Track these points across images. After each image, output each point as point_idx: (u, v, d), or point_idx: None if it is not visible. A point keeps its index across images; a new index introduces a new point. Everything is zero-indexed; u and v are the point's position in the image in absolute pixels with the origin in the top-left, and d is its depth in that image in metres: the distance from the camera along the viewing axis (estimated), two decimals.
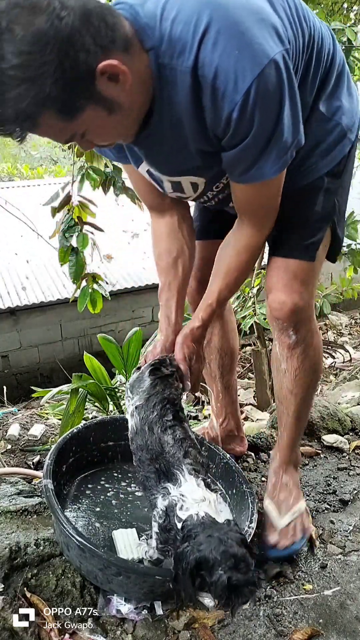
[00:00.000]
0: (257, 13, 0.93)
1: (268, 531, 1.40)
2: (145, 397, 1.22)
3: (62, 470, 1.43)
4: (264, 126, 0.96)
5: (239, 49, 0.89)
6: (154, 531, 1.13)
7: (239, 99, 0.91)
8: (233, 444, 1.76)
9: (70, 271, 2.63)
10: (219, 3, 0.91)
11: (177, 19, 0.92)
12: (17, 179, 13.21)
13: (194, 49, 0.90)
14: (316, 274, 1.35)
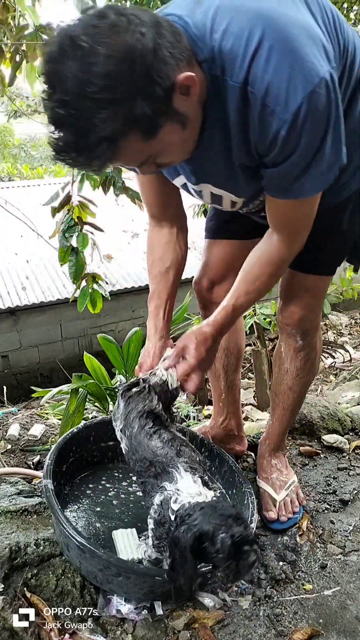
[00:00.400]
0: (307, 29, 0.91)
1: (267, 507, 1.51)
2: (123, 418, 1.26)
3: (62, 470, 1.43)
4: (309, 145, 0.95)
5: (291, 66, 0.87)
6: (149, 528, 1.13)
7: (289, 117, 0.90)
8: (233, 443, 1.77)
9: (70, 271, 2.63)
10: (270, 17, 0.89)
11: (228, 32, 0.90)
12: (17, 179, 13.21)
13: (245, 64, 0.89)
14: (328, 286, 1.43)
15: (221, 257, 1.52)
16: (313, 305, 1.38)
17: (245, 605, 1.23)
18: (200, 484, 1.09)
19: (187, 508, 1.01)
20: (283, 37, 0.88)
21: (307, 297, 1.36)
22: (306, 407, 2.08)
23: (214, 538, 0.92)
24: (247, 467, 1.75)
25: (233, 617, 1.20)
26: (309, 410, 2.06)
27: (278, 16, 0.90)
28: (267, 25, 0.88)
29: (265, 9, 0.91)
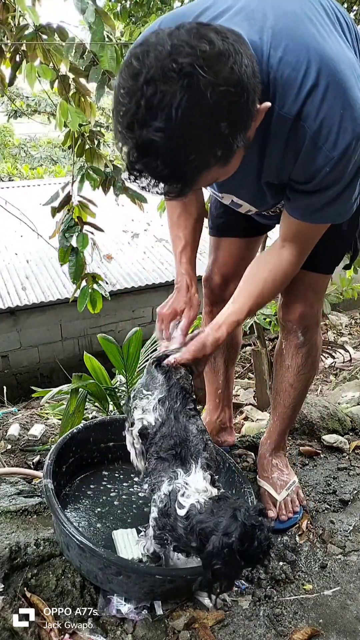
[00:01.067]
0: (354, 69, 0.93)
1: (267, 507, 1.51)
2: (166, 389, 1.23)
3: (62, 471, 1.43)
4: (345, 180, 0.99)
5: (343, 108, 0.90)
6: (152, 517, 1.13)
7: (336, 156, 0.93)
8: (225, 435, 1.81)
9: (70, 271, 2.63)
10: (326, 54, 0.90)
11: (284, 61, 0.90)
12: (17, 179, 13.21)
13: (300, 99, 0.90)
14: (328, 283, 1.45)
15: (231, 253, 1.55)
16: (314, 301, 1.40)
17: (245, 605, 1.23)
18: (208, 481, 1.10)
19: (199, 510, 1.01)
20: (338, 77, 0.90)
21: (309, 294, 1.38)
22: (306, 407, 2.08)
23: (261, 529, 0.94)
24: (247, 467, 1.75)
25: (233, 617, 1.20)
26: (309, 410, 2.06)
27: (331, 51, 0.91)
28: (324, 62, 0.89)
29: (319, 39, 0.92)
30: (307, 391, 1.59)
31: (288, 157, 1.00)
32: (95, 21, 2.25)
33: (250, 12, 0.94)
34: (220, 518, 0.95)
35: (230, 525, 0.93)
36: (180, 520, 1.03)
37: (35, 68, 2.48)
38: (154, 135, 0.76)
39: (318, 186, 1.01)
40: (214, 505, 1.00)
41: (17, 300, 6.49)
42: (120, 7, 5.32)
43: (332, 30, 0.97)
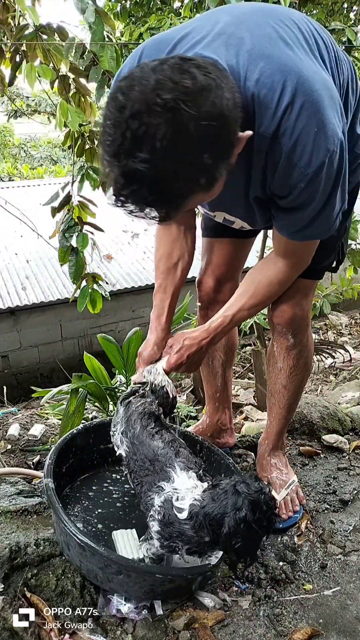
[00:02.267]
0: (329, 89, 0.98)
1: None
2: (124, 421, 1.28)
3: (62, 472, 1.43)
4: (322, 197, 1.03)
5: (317, 127, 0.94)
6: (154, 531, 1.13)
7: (310, 172, 0.98)
8: (226, 436, 1.82)
9: (70, 271, 2.63)
10: (301, 74, 0.94)
11: (260, 82, 0.94)
12: (17, 179, 13.21)
13: (277, 118, 0.95)
14: (317, 284, 1.46)
15: (225, 255, 1.56)
16: (303, 303, 1.41)
17: (245, 605, 1.23)
18: (194, 478, 1.12)
19: (202, 505, 1.02)
20: (312, 97, 0.94)
21: (298, 297, 1.39)
22: (306, 407, 2.08)
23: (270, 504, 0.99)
24: (247, 467, 1.75)
25: (233, 617, 1.20)
26: (309, 410, 2.06)
27: (306, 72, 0.95)
28: (299, 82, 0.93)
29: (295, 61, 0.95)
30: (302, 391, 1.59)
31: (269, 172, 1.04)
32: (95, 21, 2.25)
33: (227, 38, 0.97)
34: (224, 500, 0.98)
35: (237, 501, 0.97)
36: (185, 523, 1.04)
37: (35, 68, 2.48)
38: (139, 165, 0.79)
39: (295, 202, 1.05)
40: (212, 493, 1.02)
41: (17, 300, 6.49)
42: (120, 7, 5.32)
43: (308, 51, 1.01)
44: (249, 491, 0.97)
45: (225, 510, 0.97)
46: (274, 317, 1.44)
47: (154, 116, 0.78)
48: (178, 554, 1.12)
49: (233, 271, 1.59)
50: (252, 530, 0.97)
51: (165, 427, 1.27)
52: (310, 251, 1.23)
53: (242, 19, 1.02)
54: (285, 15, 1.05)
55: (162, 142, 0.78)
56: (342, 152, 1.00)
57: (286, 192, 1.04)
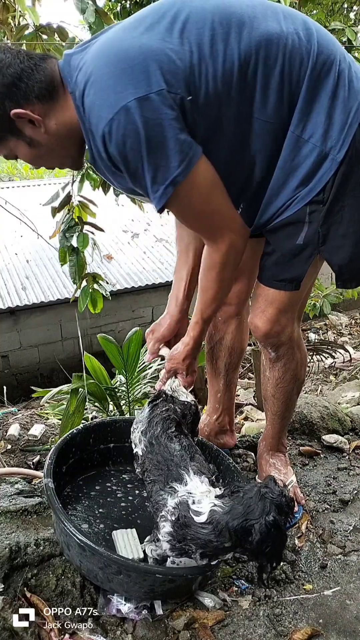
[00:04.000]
0: (125, 60, 1.03)
1: None
2: (147, 421, 1.31)
3: (62, 471, 1.43)
4: (127, 163, 1.07)
5: (100, 99, 1.04)
6: (164, 532, 1.11)
7: (99, 141, 1.07)
8: (226, 437, 1.81)
9: (70, 271, 2.63)
10: (102, 54, 1.07)
11: (81, 69, 1.09)
12: (17, 179, 13.21)
13: (82, 96, 1.08)
14: (299, 300, 1.37)
15: None
16: (280, 319, 1.33)
17: (245, 605, 1.23)
18: (207, 483, 1.13)
19: (224, 512, 1.03)
20: (98, 74, 1.05)
21: (271, 311, 1.32)
22: (306, 407, 2.08)
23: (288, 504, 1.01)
24: (247, 467, 1.75)
25: (233, 617, 1.19)
26: (309, 410, 2.06)
27: (109, 51, 1.07)
28: (97, 62, 1.06)
29: (109, 43, 1.09)
30: (294, 400, 1.56)
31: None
32: (95, 21, 2.25)
33: (94, 38, 1.16)
34: (249, 507, 0.99)
35: (265, 506, 0.98)
36: (203, 527, 1.04)
37: None
38: None
39: (113, 168, 1.12)
40: (236, 500, 1.03)
41: (17, 300, 6.49)
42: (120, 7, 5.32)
43: (158, 29, 1.07)
44: (273, 495, 0.99)
45: (252, 517, 0.98)
46: (252, 331, 1.41)
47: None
48: (190, 558, 1.12)
49: (240, 274, 1.54)
50: (280, 533, 0.99)
51: (185, 434, 1.29)
52: (201, 220, 1.19)
53: (140, 13, 1.15)
54: (177, 4, 1.11)
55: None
56: (132, 117, 1.00)
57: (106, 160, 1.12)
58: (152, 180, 1.07)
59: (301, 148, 1.14)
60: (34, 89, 1.08)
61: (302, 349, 1.47)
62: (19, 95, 1.07)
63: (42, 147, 1.15)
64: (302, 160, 1.15)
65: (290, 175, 1.17)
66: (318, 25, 1.19)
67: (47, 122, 1.11)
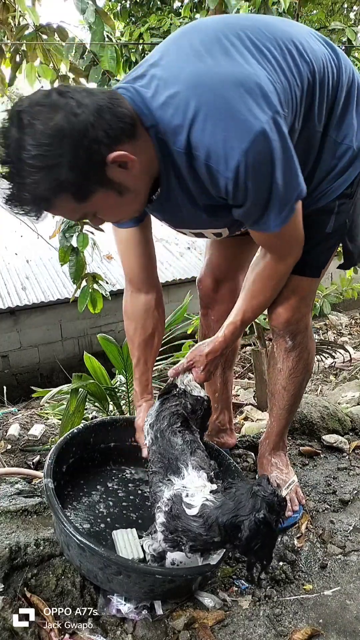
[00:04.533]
0: (241, 84, 0.98)
1: None
2: (155, 415, 1.33)
3: (63, 471, 1.43)
4: (259, 191, 1.04)
5: (225, 129, 0.97)
6: (159, 522, 1.14)
7: (231, 175, 0.99)
8: (225, 437, 1.82)
9: (70, 271, 2.63)
10: (204, 85, 0.98)
11: (167, 103, 1.00)
12: None
13: (185, 134, 0.99)
14: (316, 288, 1.44)
15: (225, 255, 1.56)
16: (300, 306, 1.39)
17: (245, 605, 1.23)
18: (204, 478, 1.14)
19: (215, 506, 1.03)
20: (217, 103, 0.97)
21: (294, 299, 1.37)
22: (306, 407, 2.08)
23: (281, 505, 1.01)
24: (247, 467, 1.75)
25: (233, 617, 1.19)
26: (309, 410, 2.06)
27: (209, 79, 0.99)
28: (200, 95, 0.98)
29: (199, 72, 1.00)
30: (302, 393, 1.59)
31: (203, 181, 1.06)
32: (95, 21, 2.25)
33: (149, 68, 1.07)
34: (242, 503, 0.99)
35: (255, 503, 0.98)
36: (194, 520, 1.05)
37: (35, 68, 2.48)
38: (3, 165, 0.93)
39: (235, 201, 1.07)
40: (227, 495, 1.03)
41: (17, 300, 6.49)
42: (120, 7, 5.32)
43: (232, 52, 1.03)
44: (265, 493, 0.98)
45: (242, 514, 0.98)
46: (271, 319, 1.43)
47: (12, 127, 0.92)
48: (182, 551, 1.13)
49: (233, 271, 1.59)
50: (270, 531, 0.99)
51: (190, 429, 1.30)
52: (291, 241, 1.21)
53: (179, 42, 1.09)
54: (219, 25, 1.10)
55: (13, 146, 0.91)
56: (269, 141, 0.98)
57: (224, 195, 1.06)
58: (282, 200, 1.07)
59: (337, 150, 1.22)
60: (120, 126, 0.98)
61: (313, 339, 1.52)
62: (112, 135, 0.97)
63: (130, 193, 1.05)
64: (339, 160, 1.23)
65: (329, 173, 1.24)
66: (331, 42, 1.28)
67: (135, 162, 1.01)
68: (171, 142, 1.02)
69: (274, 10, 3.18)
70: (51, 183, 0.93)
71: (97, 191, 0.99)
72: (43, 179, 0.92)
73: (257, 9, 3.18)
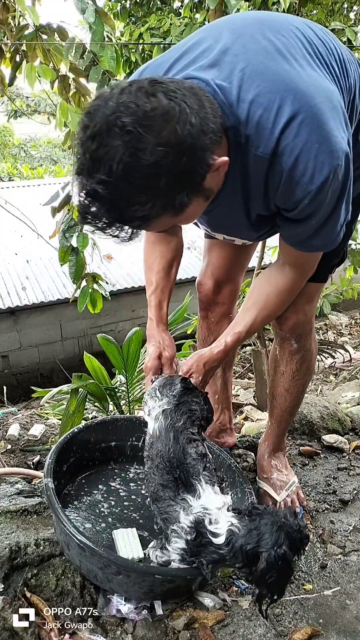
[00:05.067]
0: (330, 99, 0.95)
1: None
2: (174, 402, 1.22)
3: (63, 471, 1.43)
4: (326, 211, 1.02)
5: (319, 142, 0.92)
6: (176, 547, 1.10)
7: (314, 189, 0.95)
8: (226, 436, 1.82)
9: (70, 271, 2.63)
10: (299, 90, 0.92)
11: (256, 102, 0.92)
12: (17, 179, 13.22)
13: (274, 137, 0.93)
14: (321, 289, 1.44)
15: (224, 256, 1.55)
16: (306, 309, 1.39)
17: (245, 605, 1.23)
18: (219, 493, 1.12)
19: (241, 535, 1.01)
20: (311, 112, 0.91)
21: (301, 303, 1.37)
22: (306, 407, 2.08)
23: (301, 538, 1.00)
24: (247, 467, 1.75)
25: (233, 617, 1.19)
26: (309, 410, 2.06)
27: (305, 86, 0.93)
28: (297, 98, 0.91)
29: (291, 75, 0.93)
30: (304, 394, 1.59)
31: (270, 191, 1.02)
32: (95, 21, 2.25)
33: (222, 55, 0.96)
34: (264, 535, 0.98)
35: (280, 537, 0.97)
36: (221, 548, 1.03)
37: (35, 68, 2.48)
38: (97, 186, 0.81)
39: (299, 215, 1.04)
40: (251, 523, 1.01)
41: (17, 300, 6.50)
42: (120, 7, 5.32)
43: (310, 60, 0.99)
44: (290, 530, 0.98)
45: (262, 545, 0.97)
46: (278, 323, 1.43)
47: (113, 138, 0.79)
48: (202, 570, 1.10)
49: (233, 273, 1.59)
50: (287, 567, 0.98)
51: (203, 439, 1.25)
52: (317, 259, 1.22)
53: (240, 32, 1.00)
54: (284, 24, 1.04)
55: (119, 165, 0.79)
56: (348, 164, 0.98)
57: (290, 207, 1.03)
58: (338, 223, 1.06)
59: (356, 159, 1.20)
60: (218, 128, 0.90)
61: (316, 340, 1.52)
62: (215, 141, 0.89)
63: (212, 196, 0.99)
64: (358, 167, 1.20)
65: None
66: None
67: (226, 164, 0.94)
68: (253, 145, 0.95)
69: (274, 11, 3.18)
70: (162, 206, 0.86)
71: (192, 201, 0.92)
72: (153, 202, 0.84)
73: (257, 9, 3.18)
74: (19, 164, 14.87)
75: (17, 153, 15.62)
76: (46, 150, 16.04)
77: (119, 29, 5.15)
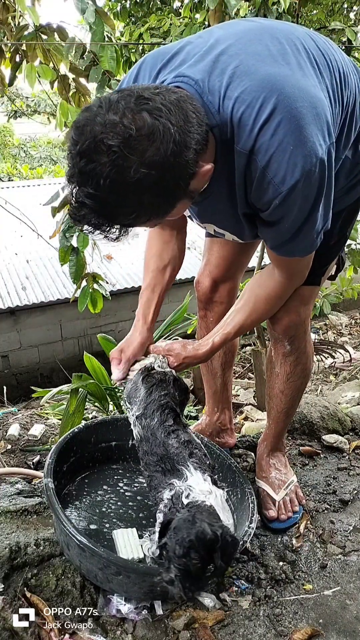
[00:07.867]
0: (314, 106, 0.96)
1: (266, 507, 1.51)
2: (142, 406, 1.26)
3: (63, 470, 1.43)
4: (299, 215, 1.03)
5: (294, 144, 0.94)
6: (158, 522, 1.13)
7: (284, 190, 0.97)
8: (226, 436, 1.82)
9: (70, 271, 2.63)
10: (283, 89, 0.94)
11: (240, 99, 0.95)
12: (17, 179, 13.22)
13: (253, 134, 0.95)
14: (317, 294, 1.44)
15: (223, 255, 1.56)
16: (300, 311, 1.39)
17: (245, 605, 1.23)
18: (209, 482, 1.12)
19: (194, 505, 1.03)
20: (292, 114, 0.93)
21: (294, 306, 1.37)
22: (306, 407, 2.08)
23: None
24: (247, 467, 1.75)
25: (233, 617, 1.20)
26: (309, 410, 2.06)
27: (290, 89, 0.95)
28: (280, 99, 0.93)
29: (279, 77, 0.95)
30: (300, 396, 1.58)
31: (248, 188, 1.05)
32: (95, 21, 2.25)
33: (217, 56, 1.00)
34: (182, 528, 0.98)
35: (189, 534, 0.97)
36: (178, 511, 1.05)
37: (35, 68, 2.48)
38: (85, 198, 0.87)
39: (271, 217, 1.05)
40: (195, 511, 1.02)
41: (17, 300, 6.49)
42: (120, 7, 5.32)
43: (304, 69, 1.01)
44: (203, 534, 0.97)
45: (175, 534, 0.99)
46: (271, 324, 1.43)
47: (100, 155, 0.84)
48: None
49: (232, 272, 1.59)
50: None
51: (183, 426, 1.26)
52: (305, 265, 1.22)
53: (240, 36, 1.03)
54: (284, 33, 1.05)
55: (105, 181, 0.84)
56: (323, 172, 0.98)
57: (264, 207, 1.05)
58: (315, 229, 1.07)
59: (354, 169, 1.23)
60: (203, 138, 0.93)
61: (311, 343, 1.51)
62: (199, 151, 0.93)
63: (195, 194, 1.03)
64: (354, 177, 1.25)
65: (340, 189, 1.24)
66: None
67: (211, 170, 0.99)
68: (236, 140, 0.98)
69: (274, 10, 3.18)
70: (146, 216, 0.93)
71: (176, 204, 0.98)
72: (138, 213, 0.91)
73: (257, 9, 3.18)
74: (19, 164, 14.87)
75: (17, 153, 15.63)
76: (46, 150, 16.05)
77: (119, 29, 5.15)
